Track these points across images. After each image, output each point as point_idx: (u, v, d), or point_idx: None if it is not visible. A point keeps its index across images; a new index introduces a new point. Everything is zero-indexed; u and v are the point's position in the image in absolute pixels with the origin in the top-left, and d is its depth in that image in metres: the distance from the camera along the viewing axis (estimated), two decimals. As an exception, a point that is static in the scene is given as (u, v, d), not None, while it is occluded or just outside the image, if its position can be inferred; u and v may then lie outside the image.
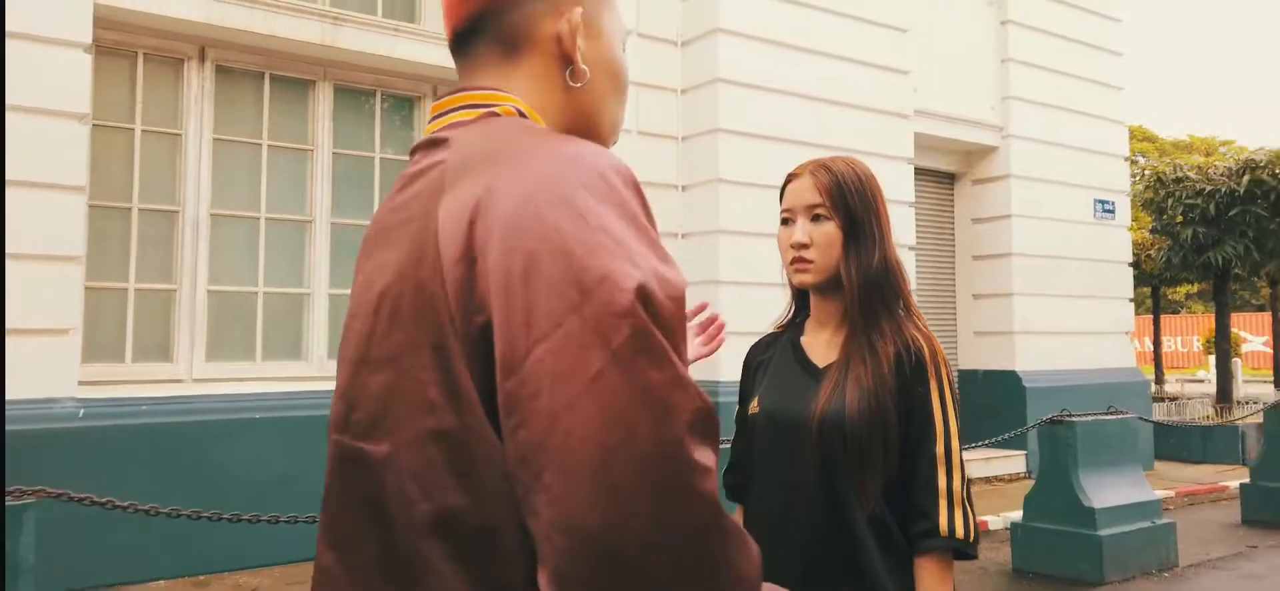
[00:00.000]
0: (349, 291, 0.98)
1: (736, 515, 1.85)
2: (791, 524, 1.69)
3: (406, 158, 1.37)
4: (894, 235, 1.76)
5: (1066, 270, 9.13)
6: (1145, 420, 6.19)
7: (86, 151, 4.79)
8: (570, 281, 0.73)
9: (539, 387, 0.71)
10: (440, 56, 6.06)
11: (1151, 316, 15.69)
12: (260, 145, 5.70)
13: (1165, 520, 5.46)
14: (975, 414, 8.80)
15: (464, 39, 1.00)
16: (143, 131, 5.34)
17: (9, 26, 4.47)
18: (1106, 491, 5.04)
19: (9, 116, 4.45)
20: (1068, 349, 9.04)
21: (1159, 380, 15.63)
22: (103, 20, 5.01)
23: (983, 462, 8.42)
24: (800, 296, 1.85)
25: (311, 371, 5.78)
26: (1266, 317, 14.80)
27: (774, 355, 1.85)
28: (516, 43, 0.98)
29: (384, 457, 0.84)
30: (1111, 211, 9.61)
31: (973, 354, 9.10)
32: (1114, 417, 5.21)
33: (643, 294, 0.73)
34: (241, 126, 5.67)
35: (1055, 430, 5.11)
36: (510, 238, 0.76)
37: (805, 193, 1.73)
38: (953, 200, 9.24)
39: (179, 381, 5.39)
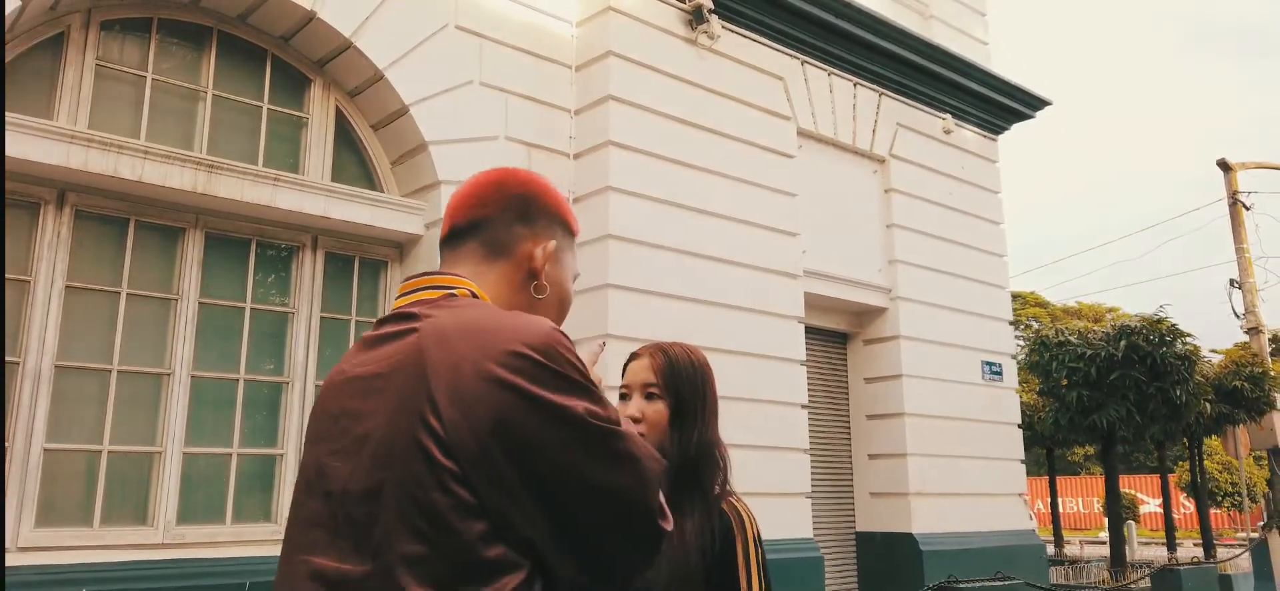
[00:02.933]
0: (206, 450, 1.82)
1: None
2: None
3: (281, 307, 3.24)
4: (719, 422, 1.93)
5: (959, 430, 9.22)
6: (1037, 586, 6.11)
7: (-90, 296, 4.41)
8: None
9: None
10: (325, 207, 5.92)
11: (1048, 477, 15.95)
12: (119, 292, 5.39)
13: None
14: (873, 579, 8.64)
15: (458, 235, 1.34)
16: (-15, 276, 4.99)
17: None
18: (997, 661, 4.88)
19: None
20: (963, 511, 9.03)
21: (1058, 543, 15.78)
22: (-53, 159, 4.73)
23: (882, 630, 8.21)
24: None
25: (156, 538, 5.31)
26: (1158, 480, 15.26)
27: None
28: (499, 251, 1.32)
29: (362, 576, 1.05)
30: (999, 373, 9.83)
31: (870, 516, 9.01)
32: (1001, 584, 5.11)
33: None
34: (99, 274, 5.36)
35: (945, 596, 4.98)
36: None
37: (642, 372, 1.92)
38: (846, 360, 9.33)
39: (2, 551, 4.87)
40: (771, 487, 7.32)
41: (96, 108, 5.40)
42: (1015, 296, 31.60)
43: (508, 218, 1.32)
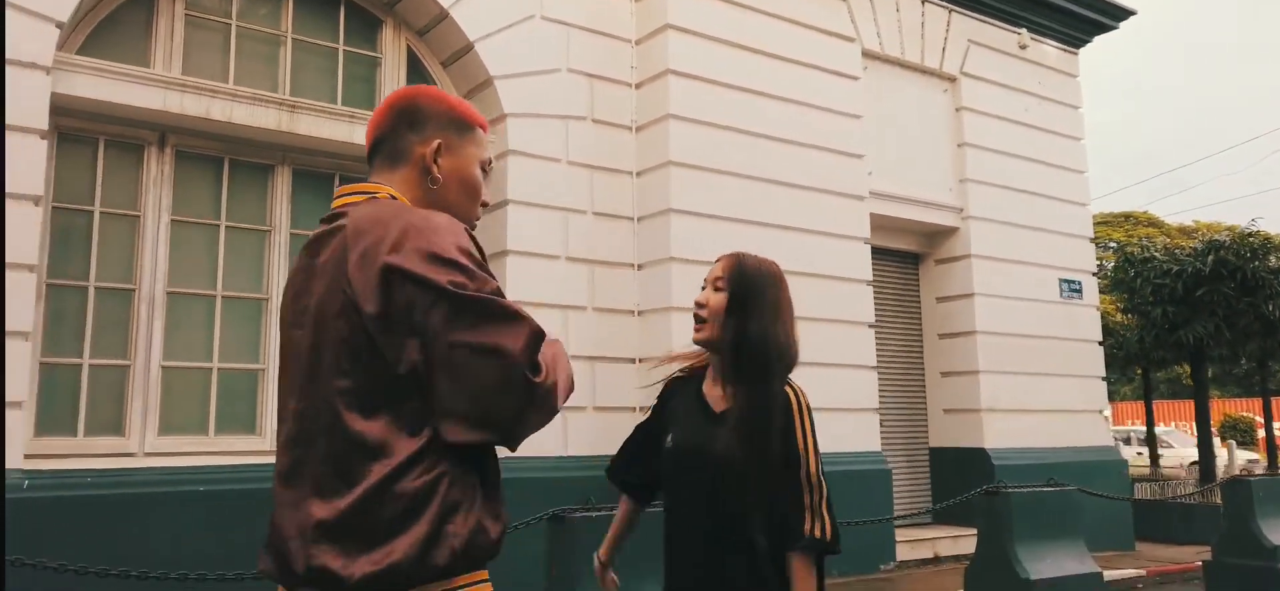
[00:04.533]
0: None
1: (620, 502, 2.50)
2: (685, 541, 2.19)
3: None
4: (792, 321, 2.23)
5: (1034, 348, 9.19)
6: (1085, 490, 6.17)
7: (40, 232, 4.98)
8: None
9: None
10: (396, 141, 6.31)
11: (1144, 398, 15.59)
12: (218, 226, 5.91)
13: (1109, 592, 5.43)
14: (945, 493, 8.77)
15: (372, 155, 1.65)
16: (102, 213, 5.56)
17: None
18: (1045, 564, 5.03)
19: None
20: (1038, 427, 9.05)
21: (1153, 461, 15.47)
22: (62, 108, 5.27)
23: (950, 540, 8.37)
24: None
25: (265, 445, 5.87)
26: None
27: (683, 398, 2.32)
28: (398, 159, 1.61)
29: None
30: (1078, 291, 9.71)
31: (943, 431, 9.12)
32: (1053, 489, 5.23)
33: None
34: (200, 208, 5.88)
35: (992, 502, 5.13)
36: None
37: (716, 269, 2.25)
38: (918, 280, 9.38)
39: (130, 455, 5.49)
40: (839, 403, 7.52)
41: (188, 54, 5.88)
42: (1126, 216, 30.37)
43: (400, 130, 1.62)
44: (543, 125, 6.68)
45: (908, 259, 9.30)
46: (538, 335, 1.45)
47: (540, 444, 6.38)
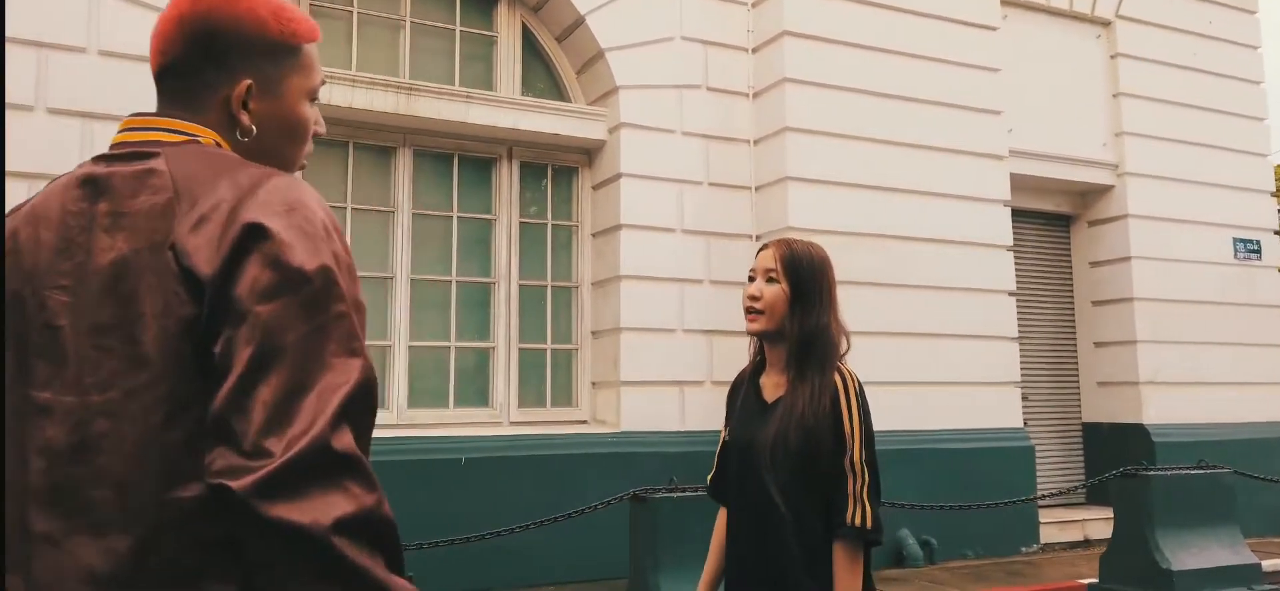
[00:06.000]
0: (426, 344, 1.28)
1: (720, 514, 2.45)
2: (740, 531, 2.23)
3: (483, 215, 3.89)
4: (840, 307, 2.24)
5: (1202, 315, 8.42)
6: (1243, 474, 5.58)
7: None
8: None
9: None
10: (514, 120, 6.39)
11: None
12: (346, 208, 6.16)
13: (1269, 588, 4.93)
14: (1099, 471, 8.20)
15: (161, 78, 1.20)
16: (240, 199, 5.88)
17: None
18: (1190, 553, 4.61)
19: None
20: (1208, 401, 8.31)
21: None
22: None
23: (1102, 523, 7.82)
24: (761, 344, 2.32)
25: (393, 419, 6.12)
26: None
27: (743, 392, 2.35)
28: (196, 105, 1.18)
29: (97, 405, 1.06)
30: (1256, 251, 8.82)
31: (1097, 406, 8.52)
32: (1201, 471, 4.78)
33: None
34: (328, 192, 6.14)
35: (1128, 485, 4.74)
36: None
37: (766, 259, 2.23)
38: (1068, 243, 8.76)
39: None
40: (974, 377, 7.15)
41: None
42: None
43: (194, 62, 1.18)
44: (656, 96, 6.60)
45: (1056, 221, 8.69)
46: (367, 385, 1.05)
47: (657, 417, 6.38)
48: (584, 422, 6.65)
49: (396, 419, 6.11)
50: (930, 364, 6.97)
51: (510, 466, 5.92)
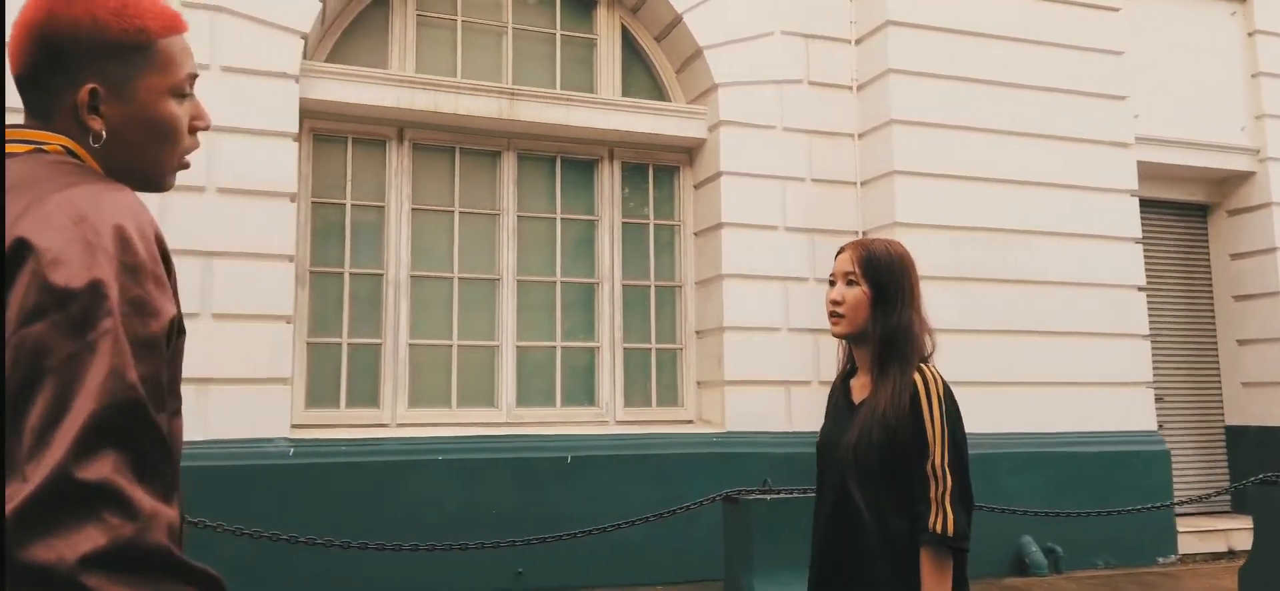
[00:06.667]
0: (533, 344, 1.33)
1: None
2: (822, 533, 2.22)
3: (586, 216, 4.17)
4: (923, 304, 2.23)
5: (1362, 310, 7.75)
6: None
7: (293, 225, 5.55)
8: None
9: None
10: (614, 121, 6.43)
11: None
12: (453, 212, 6.31)
13: None
14: (1244, 477, 7.63)
15: (20, 89, 1.17)
16: (352, 205, 6.11)
17: (245, 121, 5.36)
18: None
19: (227, 198, 5.31)
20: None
21: None
22: (312, 112, 5.84)
23: (1247, 533, 7.25)
24: (851, 347, 2.34)
25: (500, 418, 6.22)
26: None
27: (836, 394, 2.37)
28: (47, 107, 1.16)
29: None
30: None
31: (1242, 407, 7.94)
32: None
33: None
34: (436, 196, 6.31)
35: (1269, 493, 4.38)
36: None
37: (845, 262, 2.24)
38: (1206, 235, 8.20)
39: (383, 426, 6.01)
40: (1101, 376, 6.77)
41: (421, 52, 6.32)
42: None
43: (39, 70, 1.16)
44: (756, 92, 6.52)
45: (1192, 211, 8.16)
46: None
47: (763, 418, 6.28)
48: (690, 422, 6.60)
49: (505, 417, 6.21)
50: (1052, 363, 6.64)
51: (615, 465, 5.93)
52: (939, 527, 2.02)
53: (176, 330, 1.12)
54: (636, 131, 6.48)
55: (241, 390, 5.27)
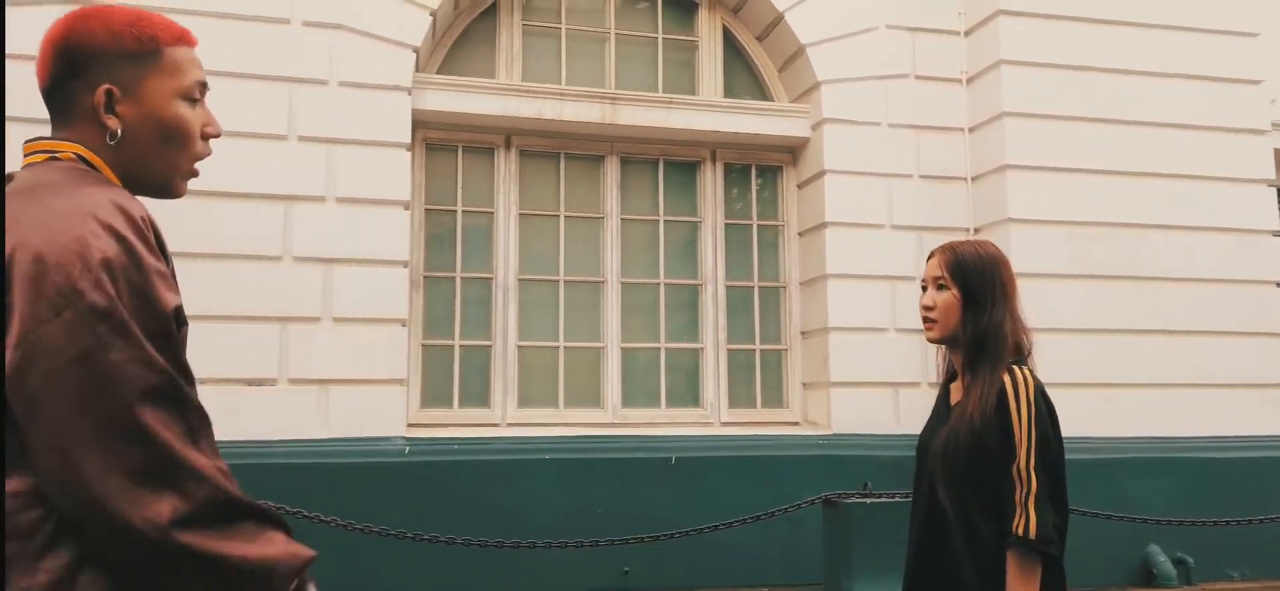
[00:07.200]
0: (637, 345, 1.49)
1: None
2: (916, 532, 2.24)
3: (689, 218, 4.53)
4: (1019, 304, 2.24)
5: None
6: None
7: (407, 232, 5.77)
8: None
9: None
10: (715, 123, 6.44)
11: None
12: (558, 216, 6.43)
13: None
14: None
15: (46, 102, 1.33)
16: (463, 211, 6.30)
17: (367, 134, 5.61)
18: None
19: (346, 207, 5.56)
20: None
21: None
22: (425, 123, 6.06)
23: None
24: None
25: (606, 418, 6.31)
26: None
27: (938, 397, 2.40)
28: (68, 117, 1.31)
29: None
30: None
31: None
32: None
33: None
34: (542, 201, 6.45)
35: None
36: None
37: (934, 267, 2.27)
38: (1357, 225, 7.63)
39: (494, 425, 6.18)
40: (1235, 378, 6.40)
41: (526, 61, 6.47)
42: None
43: (59, 79, 1.31)
44: (860, 88, 6.42)
45: (1341, 200, 7.61)
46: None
47: (871, 419, 6.19)
48: (795, 424, 6.56)
49: (610, 418, 6.30)
50: (1181, 363, 6.31)
51: (720, 467, 5.94)
52: (1022, 530, 2.00)
53: (180, 320, 1.23)
54: (739, 132, 6.48)
55: (360, 390, 5.51)
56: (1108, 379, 6.13)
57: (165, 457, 1.09)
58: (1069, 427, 6.04)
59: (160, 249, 1.22)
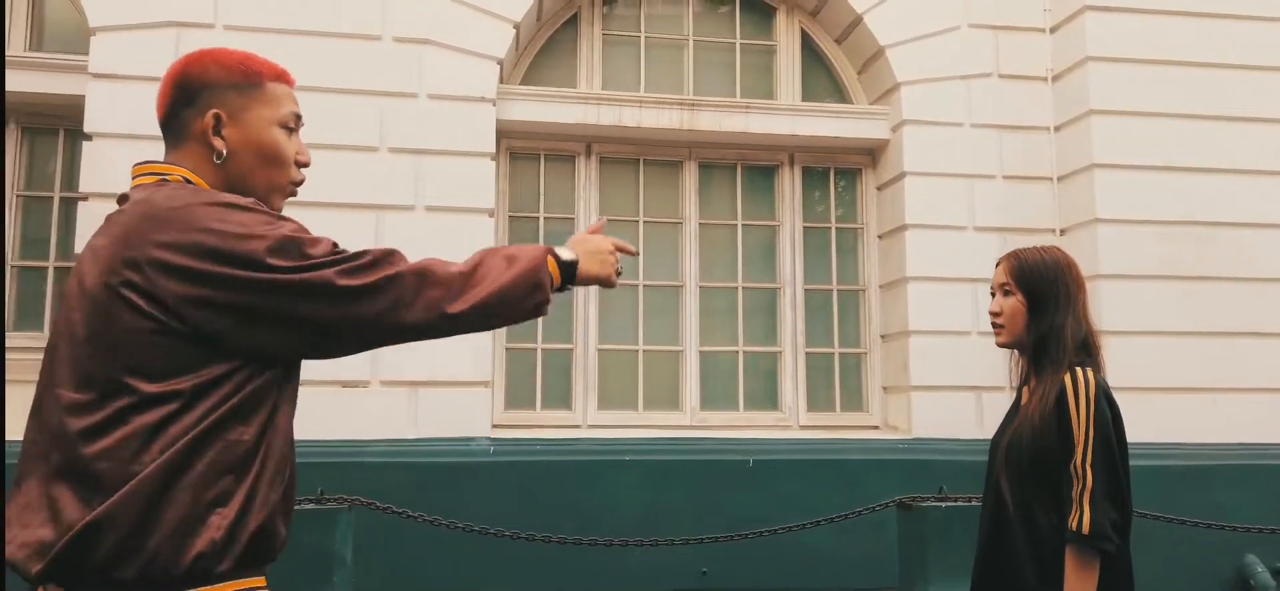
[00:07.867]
0: (715, 349, 2.00)
1: None
2: (982, 530, 2.32)
3: (767, 222, 4.79)
4: (1087, 307, 2.30)
5: None
6: None
7: (492, 239, 5.94)
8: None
9: None
10: (793, 126, 6.46)
11: None
12: (637, 221, 6.54)
13: None
14: None
15: (162, 131, 1.58)
16: (545, 218, 6.46)
17: (444, 144, 5.81)
18: None
19: (433, 216, 5.76)
20: None
21: None
22: (509, 132, 6.23)
23: None
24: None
25: (685, 421, 6.39)
26: None
27: (1013, 401, 2.47)
28: (180, 139, 1.55)
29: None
30: None
31: None
32: None
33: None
34: (621, 207, 6.56)
35: None
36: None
37: (1000, 274, 2.36)
38: None
39: (575, 427, 6.32)
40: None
41: (606, 69, 6.60)
42: None
43: (176, 107, 1.55)
44: (941, 89, 6.36)
45: None
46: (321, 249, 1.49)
47: (952, 424, 6.13)
48: (875, 428, 6.53)
49: (689, 420, 6.38)
50: (1275, 367, 6.08)
51: (798, 470, 5.96)
52: (1076, 525, 2.05)
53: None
54: (817, 135, 6.49)
55: (449, 392, 5.70)
56: (1200, 383, 5.94)
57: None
58: (1160, 434, 5.91)
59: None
